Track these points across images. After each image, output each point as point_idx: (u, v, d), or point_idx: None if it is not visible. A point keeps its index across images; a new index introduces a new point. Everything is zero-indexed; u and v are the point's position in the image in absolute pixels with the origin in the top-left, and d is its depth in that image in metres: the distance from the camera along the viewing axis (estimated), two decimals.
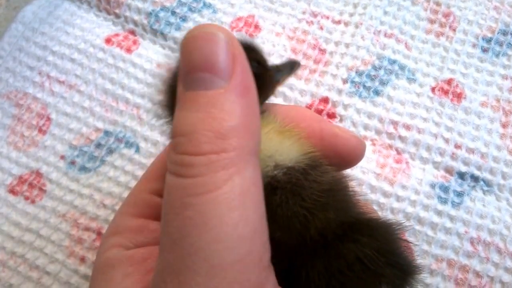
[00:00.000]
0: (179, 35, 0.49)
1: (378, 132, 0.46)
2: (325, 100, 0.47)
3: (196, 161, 0.22)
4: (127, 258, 0.26)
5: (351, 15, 0.50)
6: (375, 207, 0.42)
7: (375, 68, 0.48)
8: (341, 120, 0.46)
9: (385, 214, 0.42)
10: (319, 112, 0.46)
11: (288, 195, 0.25)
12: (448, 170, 0.45)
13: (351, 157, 0.31)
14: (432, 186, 0.44)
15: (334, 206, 0.26)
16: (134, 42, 0.50)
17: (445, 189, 0.44)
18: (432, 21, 0.51)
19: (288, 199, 0.25)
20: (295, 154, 0.27)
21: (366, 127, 0.46)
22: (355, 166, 0.43)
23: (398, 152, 0.45)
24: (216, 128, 0.22)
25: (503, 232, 0.42)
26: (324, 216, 0.26)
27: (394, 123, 0.46)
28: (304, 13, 0.51)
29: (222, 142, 0.22)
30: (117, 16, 0.51)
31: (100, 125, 0.46)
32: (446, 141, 0.45)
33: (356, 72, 0.48)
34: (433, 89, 0.47)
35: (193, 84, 0.23)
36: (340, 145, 0.30)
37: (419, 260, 0.41)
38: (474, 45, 0.50)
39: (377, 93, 0.47)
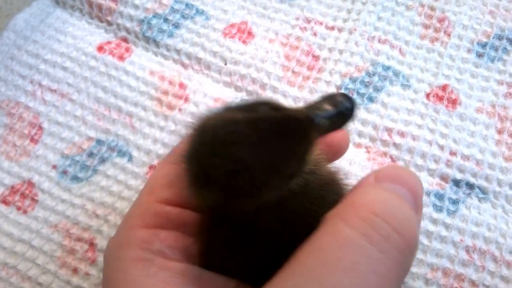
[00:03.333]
0: (172, 42, 0.49)
1: (372, 139, 0.45)
2: None
3: None
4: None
5: (345, 21, 0.50)
6: None
7: (369, 74, 0.47)
8: None
9: None
10: None
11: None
12: (443, 178, 0.44)
13: (337, 149, 0.31)
14: (427, 194, 0.43)
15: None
16: (127, 50, 0.49)
17: (440, 196, 0.43)
18: (426, 26, 0.50)
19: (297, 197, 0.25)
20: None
21: (360, 134, 0.46)
22: (350, 174, 0.43)
23: (393, 159, 0.45)
24: None
25: (499, 240, 0.42)
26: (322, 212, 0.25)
27: (389, 130, 0.45)
28: (297, 19, 0.50)
29: None
30: (109, 23, 0.50)
31: (92, 134, 0.46)
32: (441, 148, 0.45)
33: (350, 79, 0.47)
34: (427, 95, 0.47)
35: None
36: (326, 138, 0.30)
37: (415, 269, 0.41)
38: (469, 50, 0.49)
39: (371, 99, 0.46)
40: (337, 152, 0.31)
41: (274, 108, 0.24)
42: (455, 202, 0.43)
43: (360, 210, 0.22)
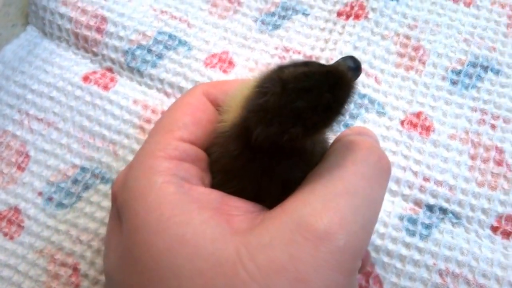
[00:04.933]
0: (155, 72, 0.51)
1: None
2: None
3: None
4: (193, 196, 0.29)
5: (322, 50, 0.52)
6: None
7: None
8: None
9: None
10: None
11: None
12: (417, 203, 0.46)
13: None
14: (401, 218, 0.45)
15: None
16: (112, 80, 0.51)
17: (413, 221, 0.44)
18: (402, 55, 0.52)
19: None
20: None
21: None
22: None
23: None
24: None
25: (472, 263, 0.43)
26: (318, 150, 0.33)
27: None
28: (276, 48, 0.52)
29: None
30: (95, 54, 0.52)
31: (77, 161, 0.48)
32: (415, 174, 0.46)
33: None
34: (402, 122, 0.48)
35: None
36: None
37: None
38: (443, 78, 0.51)
39: (347, 127, 0.48)
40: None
41: (320, 64, 0.29)
42: (428, 226, 0.44)
43: (361, 145, 0.30)
